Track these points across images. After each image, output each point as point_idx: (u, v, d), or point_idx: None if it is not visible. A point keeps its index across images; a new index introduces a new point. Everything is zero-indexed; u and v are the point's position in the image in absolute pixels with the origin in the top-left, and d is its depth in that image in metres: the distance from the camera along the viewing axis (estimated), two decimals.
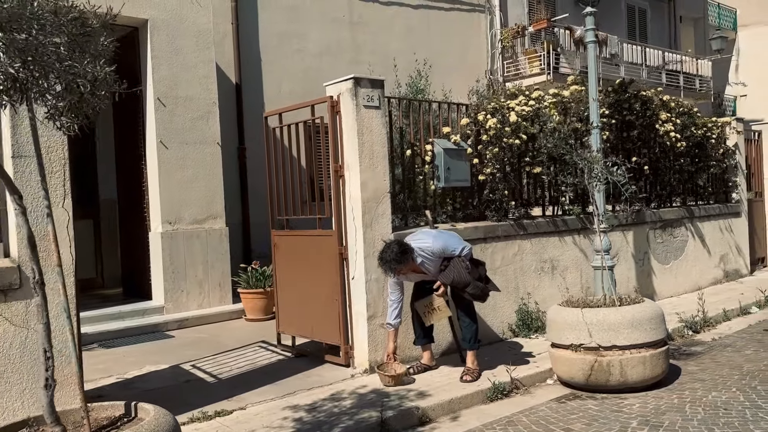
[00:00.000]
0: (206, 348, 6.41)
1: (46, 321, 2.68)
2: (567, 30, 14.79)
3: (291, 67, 11.19)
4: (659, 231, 8.22)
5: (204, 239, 7.99)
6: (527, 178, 6.75)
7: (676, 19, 19.92)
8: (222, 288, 8.11)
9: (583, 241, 7.18)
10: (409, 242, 4.84)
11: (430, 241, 4.90)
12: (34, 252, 2.69)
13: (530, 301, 6.53)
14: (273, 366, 5.68)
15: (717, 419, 4.14)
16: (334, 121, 5.40)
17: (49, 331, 2.70)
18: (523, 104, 6.50)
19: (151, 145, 7.76)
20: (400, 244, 4.74)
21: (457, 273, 4.92)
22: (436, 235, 5.00)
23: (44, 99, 2.43)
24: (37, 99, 2.42)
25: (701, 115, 8.72)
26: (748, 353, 5.81)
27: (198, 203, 7.98)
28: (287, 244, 6.03)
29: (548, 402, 4.77)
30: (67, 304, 2.71)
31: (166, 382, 5.29)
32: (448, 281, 4.94)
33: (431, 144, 5.96)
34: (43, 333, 2.67)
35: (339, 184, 5.41)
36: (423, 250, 4.85)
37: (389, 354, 5.04)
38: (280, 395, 4.81)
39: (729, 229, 9.43)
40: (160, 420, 2.73)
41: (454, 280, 4.92)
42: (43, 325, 2.67)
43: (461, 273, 4.92)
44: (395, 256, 4.68)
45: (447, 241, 4.96)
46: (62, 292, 2.71)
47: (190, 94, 7.91)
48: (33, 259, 2.68)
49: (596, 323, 4.84)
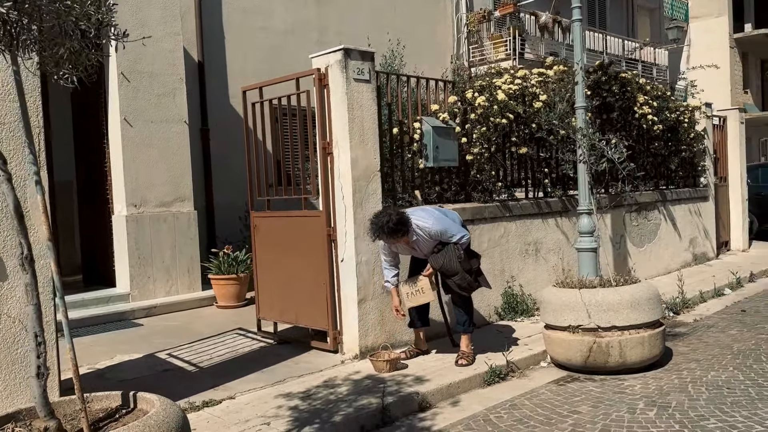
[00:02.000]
0: (180, 336, 6.07)
1: (37, 302, 2.37)
2: (532, 15, 14.77)
3: (256, 45, 10.79)
4: (635, 214, 8.24)
5: (171, 223, 7.59)
6: (511, 159, 6.62)
7: (633, 9, 20.23)
8: (191, 274, 7.74)
9: (565, 223, 7.12)
10: (409, 216, 4.60)
11: (431, 221, 4.67)
12: (22, 224, 2.37)
13: (515, 284, 6.42)
14: (256, 353, 5.40)
15: (723, 398, 4.10)
16: (322, 95, 5.13)
17: (40, 313, 2.39)
18: (509, 83, 6.35)
19: (114, 123, 7.30)
20: (399, 216, 4.48)
21: (448, 260, 4.72)
22: (439, 216, 4.76)
23: (37, 46, 2.11)
24: (31, 47, 2.10)
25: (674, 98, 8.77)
26: (733, 333, 5.84)
27: (165, 185, 7.57)
28: (268, 226, 5.74)
29: (547, 385, 4.66)
30: (60, 283, 2.40)
31: (142, 371, 4.95)
32: (438, 266, 4.74)
33: (419, 122, 5.75)
34: (33, 315, 2.36)
35: (327, 162, 5.14)
36: (421, 228, 4.63)
37: (396, 307, 4.84)
38: (270, 383, 4.55)
39: (698, 212, 9.57)
40: (168, 411, 2.45)
41: (443, 265, 4.72)
42: (33, 307, 2.36)
43: (452, 261, 4.72)
44: (389, 227, 4.43)
45: (448, 226, 4.74)
46: (54, 269, 2.39)
47: (156, 70, 7.47)
48: (21, 233, 2.36)
49: (595, 304, 4.74)
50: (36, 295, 2.36)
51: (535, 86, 6.54)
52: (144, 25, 7.35)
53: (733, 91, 24.22)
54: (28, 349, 3.39)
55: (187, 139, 7.80)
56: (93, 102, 7.54)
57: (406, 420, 4.05)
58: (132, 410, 2.67)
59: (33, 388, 2.32)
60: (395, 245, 4.71)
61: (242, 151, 10.35)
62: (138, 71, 7.30)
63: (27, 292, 2.35)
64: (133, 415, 2.63)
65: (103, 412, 2.65)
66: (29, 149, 2.37)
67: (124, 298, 7.19)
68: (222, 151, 10.10)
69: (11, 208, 2.36)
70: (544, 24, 14.96)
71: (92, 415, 2.60)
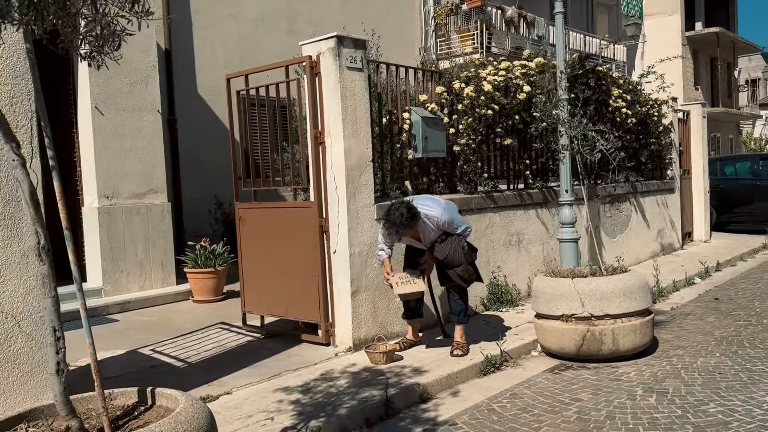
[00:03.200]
0: (160, 332, 5.89)
1: (54, 294, 2.24)
2: (498, 9, 14.88)
3: (225, 34, 10.57)
4: (608, 206, 8.39)
5: (144, 215, 7.36)
6: (495, 151, 6.64)
7: (592, 6, 20.61)
8: (165, 268, 7.52)
9: (545, 214, 7.19)
10: (416, 206, 4.55)
11: (439, 211, 4.63)
12: (38, 212, 2.24)
13: (500, 275, 6.45)
14: (245, 348, 5.27)
15: (717, 383, 4.20)
16: (313, 83, 5.02)
17: (58, 306, 2.25)
18: (493, 74, 6.36)
19: (84, 111, 7.02)
20: (408, 207, 4.43)
21: (453, 250, 4.70)
22: (445, 206, 4.73)
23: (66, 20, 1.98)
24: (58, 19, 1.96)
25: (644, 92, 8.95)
26: (711, 320, 6.00)
27: (137, 176, 7.32)
28: (255, 218, 5.60)
29: (542, 373, 4.69)
30: (78, 273, 2.27)
31: (128, 368, 4.78)
32: (443, 256, 4.72)
33: (408, 112, 5.70)
34: (51, 308, 2.23)
35: (319, 152, 5.05)
36: (429, 218, 4.60)
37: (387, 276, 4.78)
38: (266, 377, 4.44)
39: (665, 204, 9.81)
40: (195, 407, 2.35)
41: (448, 256, 4.71)
42: (51, 299, 2.23)
43: (457, 251, 4.71)
44: (405, 220, 4.38)
45: (454, 217, 4.73)
46: (72, 259, 2.26)
47: (128, 55, 7.16)
48: (37, 221, 2.22)
49: (588, 293, 4.79)
50: (54, 287, 2.23)
51: (519, 78, 6.56)
52: None
53: (685, 88, 24.96)
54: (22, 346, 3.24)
55: (160, 128, 7.56)
56: (62, 89, 7.22)
57: (409, 411, 4.01)
58: (150, 407, 2.56)
59: (53, 385, 2.20)
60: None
61: (212, 143, 10.24)
62: None
63: (44, 284, 2.22)
64: (154, 412, 2.51)
65: (120, 410, 2.53)
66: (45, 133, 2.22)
67: (97, 293, 6.94)
68: (190, 142, 9.85)
69: (26, 195, 2.22)
70: (510, 18, 15.10)
71: (110, 413, 2.48)
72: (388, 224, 4.44)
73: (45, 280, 2.20)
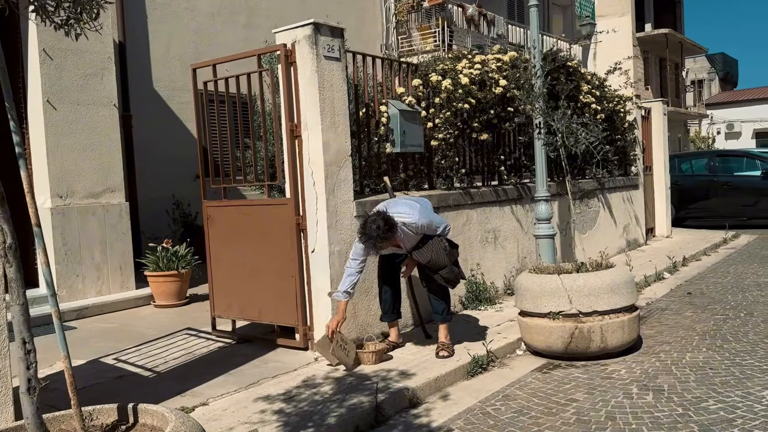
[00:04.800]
0: (121, 339, 5.52)
1: (24, 301, 1.94)
2: (459, 7, 14.83)
3: (180, 27, 10.17)
4: (578, 201, 8.36)
5: (101, 216, 6.93)
6: (471, 146, 6.49)
7: (548, 6, 20.81)
8: (123, 272, 7.11)
9: (519, 211, 7.09)
10: (392, 216, 4.31)
11: (416, 216, 4.39)
12: (4, 207, 1.93)
13: (478, 273, 6.30)
14: (217, 354, 4.97)
15: (711, 379, 4.12)
16: (288, 73, 4.75)
17: (28, 315, 1.95)
18: (469, 67, 6.21)
19: (35, 105, 6.56)
20: (385, 219, 4.17)
21: (436, 253, 4.50)
22: (421, 209, 4.49)
23: None
24: None
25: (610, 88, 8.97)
26: (689, 315, 5.98)
27: (93, 174, 6.90)
28: (225, 217, 5.29)
29: (531, 373, 4.55)
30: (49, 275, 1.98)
31: (92, 379, 4.42)
32: (425, 261, 4.51)
33: (386, 105, 5.49)
34: (20, 318, 1.93)
35: (295, 146, 4.78)
36: (407, 225, 4.36)
37: (333, 329, 4.34)
38: (244, 386, 4.16)
39: (630, 200, 9.87)
40: (188, 426, 2.08)
41: (431, 260, 4.50)
42: (19, 307, 1.93)
43: (440, 254, 4.51)
44: (382, 233, 4.13)
45: (432, 218, 4.52)
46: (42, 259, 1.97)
47: (82, 47, 6.76)
48: (2, 218, 1.92)
49: (576, 289, 4.67)
50: (22, 293, 1.93)
51: (494, 71, 6.43)
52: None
53: (636, 87, 25.51)
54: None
55: (117, 123, 7.14)
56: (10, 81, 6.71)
57: (400, 417, 3.80)
58: (133, 426, 2.27)
59: (24, 405, 1.89)
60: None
61: (168, 140, 9.82)
62: (62, 48, 6.59)
63: (11, 289, 1.92)
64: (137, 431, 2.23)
65: (99, 430, 2.24)
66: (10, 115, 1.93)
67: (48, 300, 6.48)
68: (146, 140, 9.43)
69: None
70: (471, 16, 15.07)
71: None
72: (366, 238, 4.20)
73: (12, 285, 1.90)
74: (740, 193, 12.63)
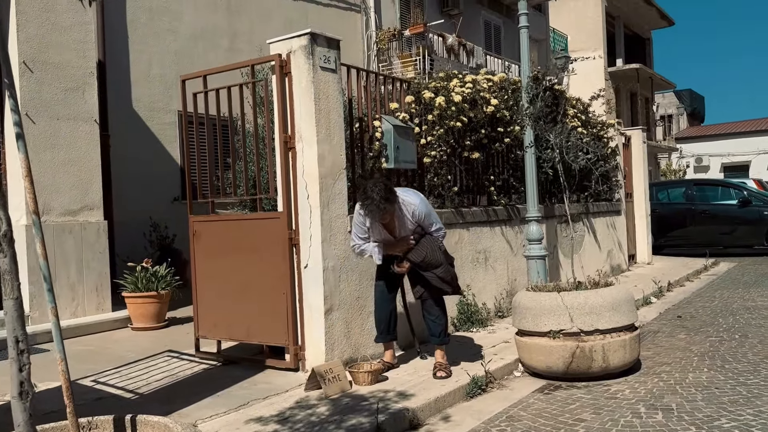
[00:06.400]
0: (99, 361, 5.23)
1: (18, 296, 1.75)
2: (440, 37, 14.95)
3: (162, 48, 10.02)
4: (564, 225, 8.32)
5: (78, 234, 6.67)
6: (462, 165, 6.41)
7: None
8: (100, 293, 6.82)
9: (509, 232, 7.00)
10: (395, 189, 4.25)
11: (417, 200, 4.34)
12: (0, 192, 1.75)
13: (469, 294, 6.16)
14: (202, 376, 4.72)
15: (719, 398, 4.01)
16: (283, 84, 4.63)
17: (22, 312, 1.76)
18: (460, 87, 6.17)
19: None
20: (385, 185, 4.12)
21: (431, 250, 4.38)
22: (422, 199, 4.44)
23: None
24: None
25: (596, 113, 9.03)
26: (683, 337, 5.91)
27: (71, 191, 6.64)
28: (212, 232, 5.09)
29: (533, 394, 4.39)
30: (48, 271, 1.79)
31: None
32: (419, 258, 4.36)
33: (379, 120, 5.39)
34: (13, 314, 1.73)
35: (288, 158, 4.63)
36: (406, 204, 4.30)
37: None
38: (233, 407, 3.93)
39: (613, 226, 9.88)
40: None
41: (426, 257, 4.35)
42: (13, 302, 1.73)
43: (435, 251, 4.39)
44: (384, 195, 4.04)
45: (431, 211, 4.45)
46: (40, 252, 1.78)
47: (64, 61, 6.59)
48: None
49: (577, 307, 4.56)
50: (17, 286, 1.74)
51: (485, 91, 6.40)
52: (51, 10, 6.47)
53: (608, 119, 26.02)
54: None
55: (97, 139, 6.92)
56: None
57: None
58: None
59: (15, 412, 1.69)
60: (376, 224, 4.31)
61: (147, 162, 9.58)
62: (43, 61, 6.39)
63: (4, 282, 1.72)
64: None
65: None
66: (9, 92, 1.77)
67: None
68: (124, 160, 9.18)
69: None
70: (451, 46, 15.20)
71: None
72: (367, 200, 4.07)
73: (6, 277, 1.71)
74: (717, 222, 12.77)
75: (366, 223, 4.31)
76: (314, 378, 4.18)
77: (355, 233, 4.44)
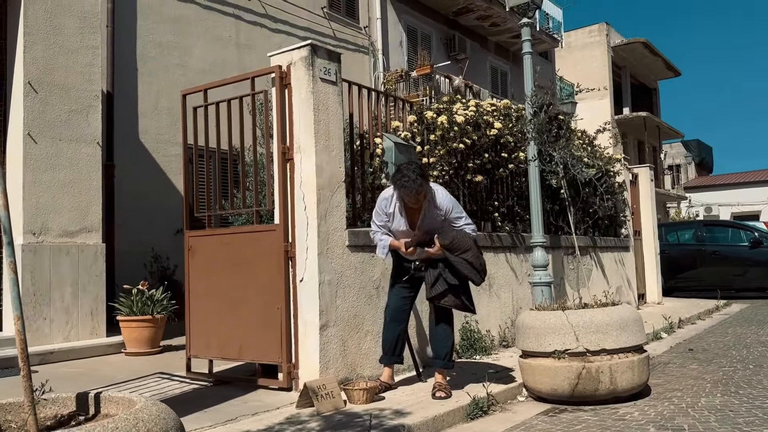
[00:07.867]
0: (90, 383, 5.02)
1: None
2: (446, 78, 15.10)
3: (171, 82, 10.11)
4: (571, 257, 8.15)
5: (75, 256, 6.56)
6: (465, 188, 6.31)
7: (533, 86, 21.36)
8: (94, 317, 6.66)
9: (514, 260, 6.84)
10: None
11: (444, 191, 4.35)
12: None
13: (472, 320, 5.97)
14: (191, 394, 4.53)
15: (734, 420, 3.79)
16: (282, 95, 4.60)
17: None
18: (464, 109, 6.13)
19: (15, 138, 6.32)
20: (418, 164, 4.19)
21: (462, 235, 4.24)
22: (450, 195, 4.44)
23: None
24: None
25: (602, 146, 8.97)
26: (695, 367, 5.67)
27: (70, 212, 6.58)
28: (207, 247, 4.98)
29: (537, 416, 4.18)
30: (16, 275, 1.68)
31: None
32: (447, 241, 4.17)
33: (381, 137, 5.33)
34: None
35: (286, 169, 4.56)
36: (435, 190, 4.27)
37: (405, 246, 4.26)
38: (220, 422, 3.74)
39: (621, 262, 9.69)
40: (160, 408, 1.75)
41: (454, 240, 4.18)
42: None
43: (465, 236, 4.25)
44: (420, 171, 4.08)
45: (458, 205, 4.39)
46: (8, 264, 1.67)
47: (69, 83, 6.62)
48: None
49: (583, 325, 4.37)
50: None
51: (489, 114, 6.36)
52: (59, 33, 6.55)
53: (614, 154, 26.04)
54: None
55: (99, 162, 6.89)
56: None
57: None
58: (93, 417, 1.91)
59: None
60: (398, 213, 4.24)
61: (151, 194, 9.56)
62: (48, 83, 6.43)
63: None
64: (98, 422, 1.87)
65: (52, 420, 1.87)
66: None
67: (12, 342, 6.00)
68: (128, 190, 9.18)
69: None
70: (458, 87, 15.32)
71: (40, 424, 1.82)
72: (404, 178, 4.04)
73: None
74: (728, 263, 12.52)
75: (389, 208, 4.26)
76: (306, 394, 3.99)
77: (373, 219, 4.39)
